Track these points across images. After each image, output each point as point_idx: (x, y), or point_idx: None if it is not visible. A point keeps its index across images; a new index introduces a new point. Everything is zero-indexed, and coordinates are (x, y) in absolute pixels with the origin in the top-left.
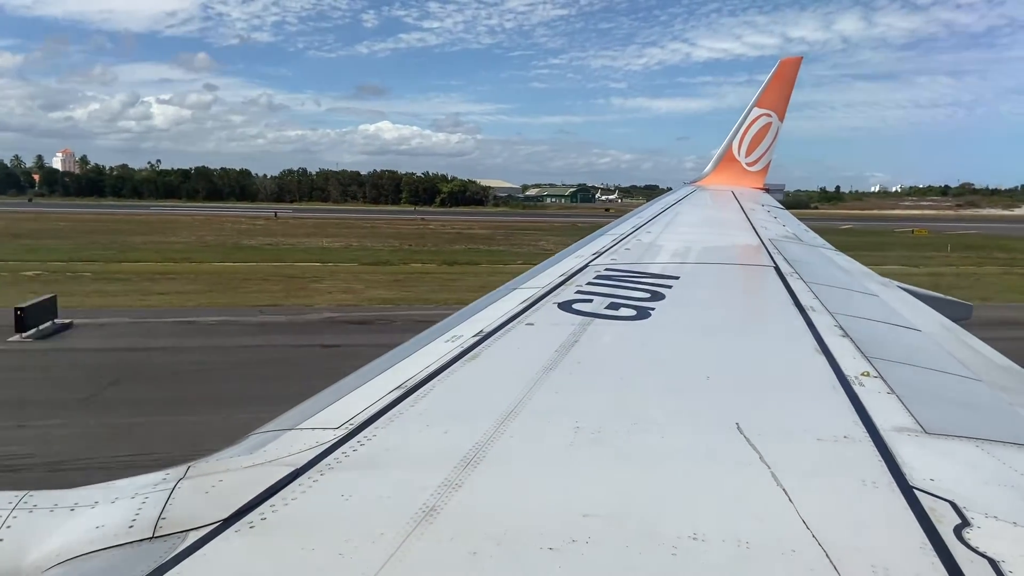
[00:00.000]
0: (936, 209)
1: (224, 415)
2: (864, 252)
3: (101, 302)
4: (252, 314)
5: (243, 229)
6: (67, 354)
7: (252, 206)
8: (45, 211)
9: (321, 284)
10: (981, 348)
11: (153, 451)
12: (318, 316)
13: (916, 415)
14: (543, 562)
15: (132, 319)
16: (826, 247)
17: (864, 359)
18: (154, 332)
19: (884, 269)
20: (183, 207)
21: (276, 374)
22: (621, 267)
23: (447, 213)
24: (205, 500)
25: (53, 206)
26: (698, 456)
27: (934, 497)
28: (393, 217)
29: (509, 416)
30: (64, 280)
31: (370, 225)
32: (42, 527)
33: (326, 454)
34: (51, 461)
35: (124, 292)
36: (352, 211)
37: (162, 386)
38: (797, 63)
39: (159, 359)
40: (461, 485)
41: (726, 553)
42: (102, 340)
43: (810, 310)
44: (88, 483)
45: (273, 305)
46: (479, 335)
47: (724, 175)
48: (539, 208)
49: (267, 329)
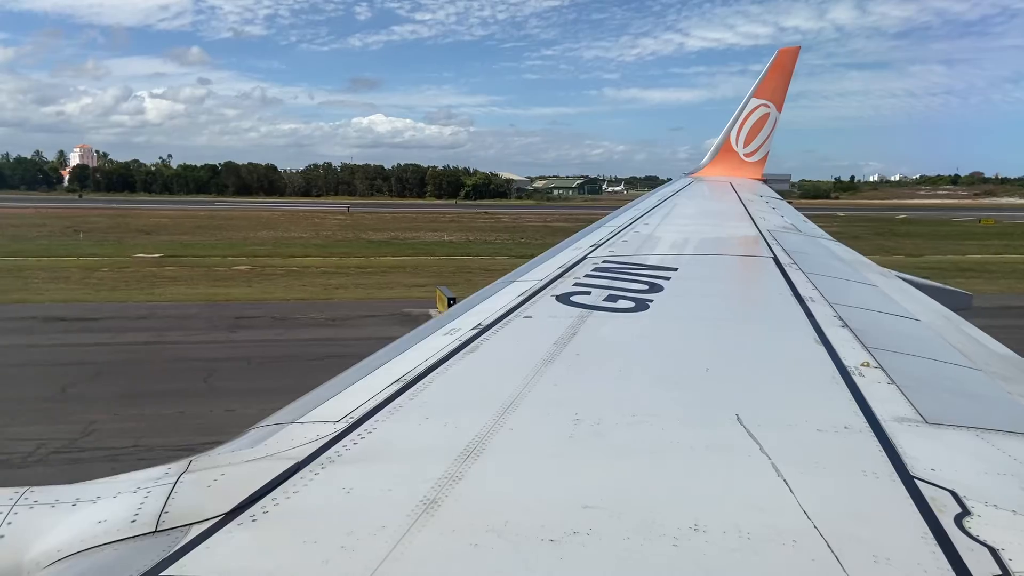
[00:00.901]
0: (955, 198)
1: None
2: (959, 242)
3: (378, 294)
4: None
5: (343, 224)
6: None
7: (304, 201)
8: (112, 207)
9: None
10: (981, 337)
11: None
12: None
13: (916, 405)
14: (544, 554)
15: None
16: (825, 237)
17: (864, 349)
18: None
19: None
20: (245, 203)
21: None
22: (619, 259)
23: (494, 207)
24: (207, 494)
25: (106, 202)
26: (698, 447)
27: (934, 486)
28: (456, 211)
29: (508, 409)
30: (284, 274)
31: (449, 219)
32: (43, 523)
33: (327, 447)
34: None
35: (376, 285)
36: (407, 206)
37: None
38: (795, 53)
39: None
40: (462, 477)
41: (727, 544)
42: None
43: (809, 301)
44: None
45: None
46: (477, 328)
47: (722, 166)
48: (564, 201)
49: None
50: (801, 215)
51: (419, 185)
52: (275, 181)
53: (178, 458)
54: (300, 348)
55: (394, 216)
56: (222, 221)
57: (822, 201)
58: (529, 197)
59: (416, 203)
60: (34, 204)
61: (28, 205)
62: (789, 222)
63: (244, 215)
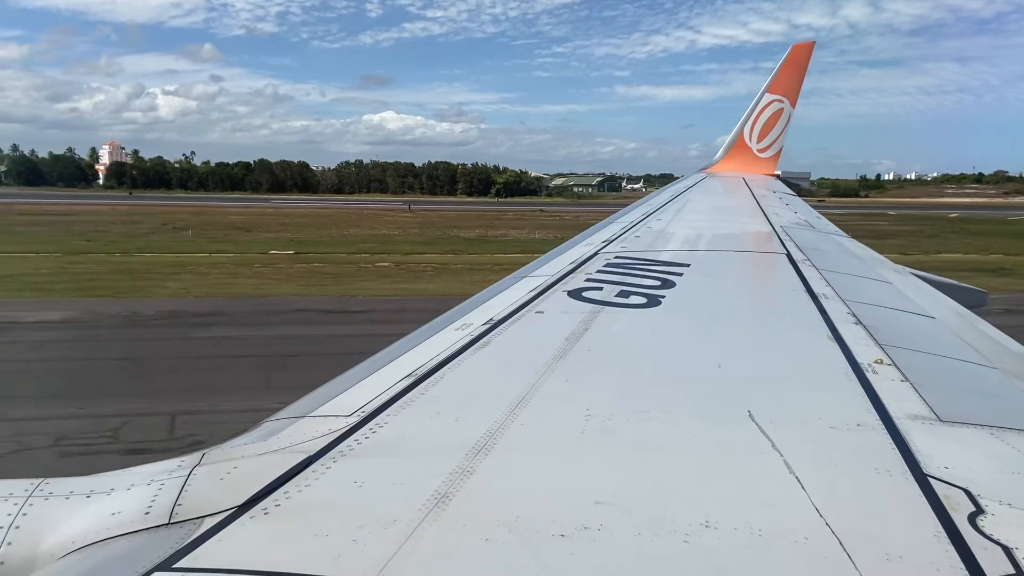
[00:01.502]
0: (984, 197)
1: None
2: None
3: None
4: None
5: (418, 221)
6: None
7: (353, 198)
8: (171, 204)
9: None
10: (996, 335)
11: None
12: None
13: (930, 403)
14: (555, 549)
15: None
16: (839, 234)
17: (877, 347)
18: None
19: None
20: (304, 200)
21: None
22: (631, 255)
23: (537, 204)
24: (220, 487)
25: (158, 199)
26: (710, 444)
27: (948, 485)
28: (514, 209)
29: (520, 404)
30: (433, 271)
31: (513, 216)
32: (58, 514)
33: (339, 441)
34: None
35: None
36: (458, 204)
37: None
38: (810, 48)
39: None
40: (473, 472)
41: (738, 540)
42: None
43: (822, 297)
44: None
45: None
46: (489, 323)
47: (735, 162)
48: (596, 198)
49: None
50: (815, 211)
51: (449, 182)
52: (308, 178)
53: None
54: None
55: (457, 214)
56: (300, 218)
57: (854, 200)
58: (560, 194)
59: (465, 201)
60: (88, 201)
61: (86, 202)
62: (802, 218)
63: (312, 212)
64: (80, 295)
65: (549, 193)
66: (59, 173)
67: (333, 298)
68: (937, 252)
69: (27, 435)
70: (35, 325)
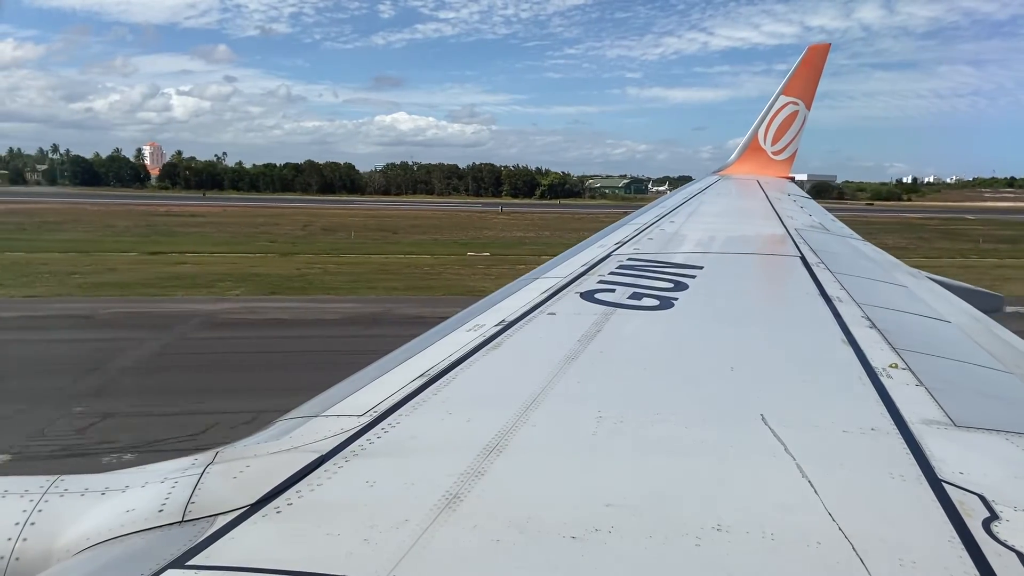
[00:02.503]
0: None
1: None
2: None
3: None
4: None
5: (523, 223)
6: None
7: (431, 200)
8: (257, 206)
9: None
10: (1012, 340)
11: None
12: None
13: (945, 407)
14: (566, 551)
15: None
16: (853, 237)
17: (892, 350)
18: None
19: None
20: (376, 202)
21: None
22: (644, 257)
23: (593, 207)
24: (233, 485)
25: (229, 201)
26: (722, 446)
27: (962, 490)
28: (586, 212)
29: (531, 405)
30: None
31: (592, 218)
32: (73, 511)
33: (351, 441)
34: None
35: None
36: (538, 206)
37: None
38: (825, 50)
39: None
40: (484, 473)
41: (750, 544)
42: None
43: (837, 300)
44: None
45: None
46: (501, 324)
47: (749, 164)
48: (641, 199)
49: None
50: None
51: (494, 184)
52: (356, 180)
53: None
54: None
55: (542, 217)
56: (414, 221)
57: (899, 203)
58: (603, 196)
59: (542, 203)
60: (170, 202)
61: (168, 203)
62: (817, 221)
63: (411, 214)
64: (381, 293)
65: (592, 195)
66: (116, 173)
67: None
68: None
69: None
70: (414, 319)
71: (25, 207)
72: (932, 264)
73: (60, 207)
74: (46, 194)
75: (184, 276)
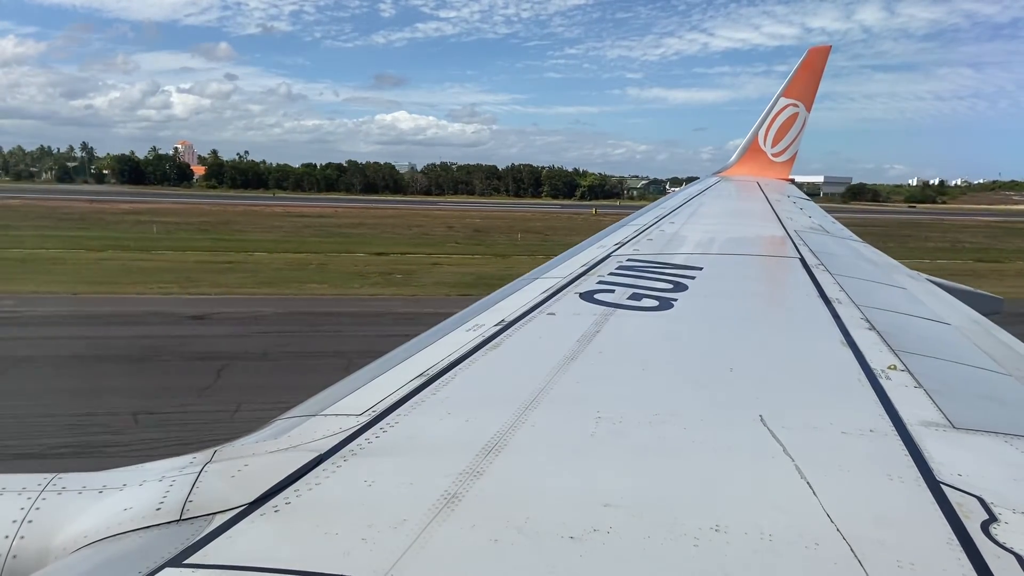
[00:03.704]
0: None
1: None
2: None
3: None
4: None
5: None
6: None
7: (471, 200)
8: (311, 207)
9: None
10: (1011, 342)
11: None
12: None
13: (944, 409)
14: (564, 551)
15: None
16: (853, 239)
17: (891, 352)
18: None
19: None
20: (450, 203)
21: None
22: (644, 257)
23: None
24: (231, 484)
25: (295, 201)
26: (721, 448)
27: (961, 492)
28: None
29: (530, 405)
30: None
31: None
32: (71, 509)
33: (349, 440)
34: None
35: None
36: (616, 207)
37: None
38: (826, 52)
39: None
40: (482, 473)
41: (749, 545)
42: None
43: (836, 302)
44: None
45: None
46: (500, 324)
47: (749, 166)
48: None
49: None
50: (829, 216)
51: (534, 185)
52: (398, 180)
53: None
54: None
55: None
56: (537, 222)
57: (934, 206)
58: (642, 197)
59: (624, 204)
60: (248, 202)
61: (251, 203)
62: (816, 223)
63: (525, 216)
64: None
65: (631, 196)
66: (164, 172)
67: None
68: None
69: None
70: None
71: (151, 207)
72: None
73: (187, 207)
74: (113, 193)
75: (490, 277)
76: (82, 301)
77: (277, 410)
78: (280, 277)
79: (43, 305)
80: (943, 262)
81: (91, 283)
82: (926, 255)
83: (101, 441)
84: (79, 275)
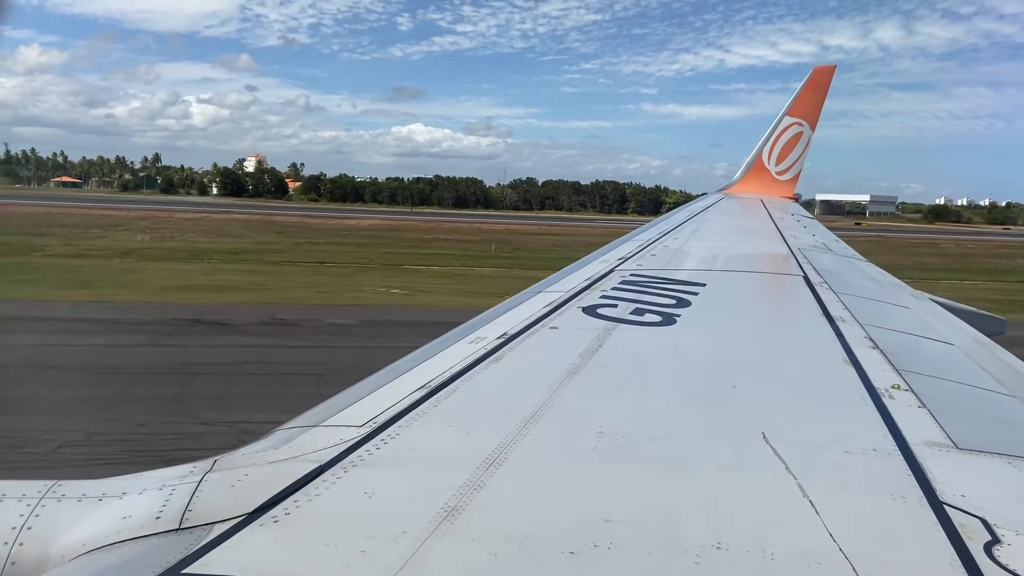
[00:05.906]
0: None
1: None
2: None
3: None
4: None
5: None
6: None
7: (553, 215)
8: (476, 222)
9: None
10: (1015, 363)
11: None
12: None
13: (947, 430)
14: (564, 566)
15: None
16: (857, 258)
17: (895, 372)
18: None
19: None
20: (576, 220)
21: None
22: (647, 273)
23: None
24: (231, 494)
25: (435, 216)
26: (723, 465)
27: (964, 513)
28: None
29: (532, 419)
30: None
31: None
32: (70, 516)
33: (350, 451)
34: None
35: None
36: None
37: None
38: (831, 72)
39: None
40: (483, 486)
41: (750, 563)
42: None
43: (839, 321)
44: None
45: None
46: (503, 337)
47: (753, 183)
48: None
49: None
50: (832, 234)
51: (619, 201)
52: (487, 195)
53: None
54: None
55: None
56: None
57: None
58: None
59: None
60: (391, 217)
61: (392, 218)
62: (820, 241)
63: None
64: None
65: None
66: (265, 186)
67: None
68: None
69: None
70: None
71: (372, 223)
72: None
73: (396, 224)
74: (250, 206)
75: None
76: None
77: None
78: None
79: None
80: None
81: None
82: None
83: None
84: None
